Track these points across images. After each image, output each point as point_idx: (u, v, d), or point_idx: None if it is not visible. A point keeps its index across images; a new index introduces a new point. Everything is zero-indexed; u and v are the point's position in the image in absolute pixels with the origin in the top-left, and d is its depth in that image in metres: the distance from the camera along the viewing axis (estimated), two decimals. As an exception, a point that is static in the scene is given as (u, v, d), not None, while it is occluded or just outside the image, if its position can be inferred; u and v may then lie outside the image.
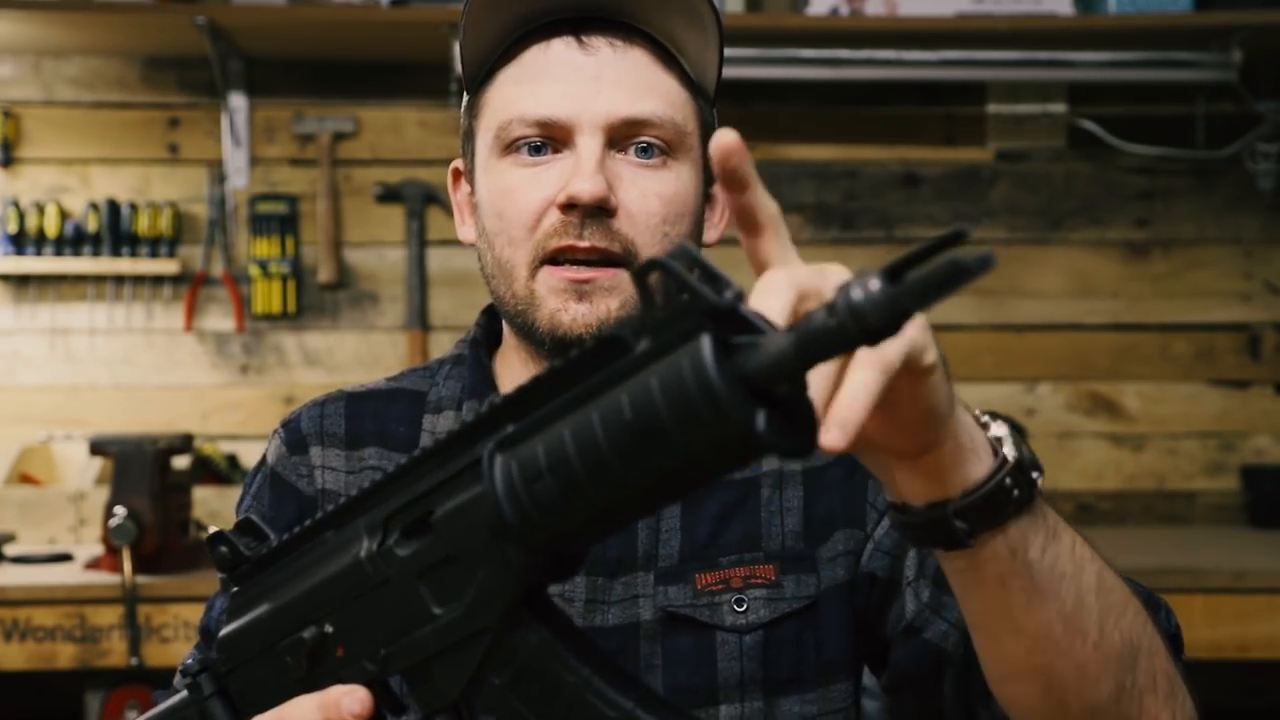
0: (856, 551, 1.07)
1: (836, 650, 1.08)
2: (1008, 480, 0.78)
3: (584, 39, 1.05)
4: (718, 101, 1.13)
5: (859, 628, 1.08)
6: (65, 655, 2.24)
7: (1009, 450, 0.79)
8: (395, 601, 0.74)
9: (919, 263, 0.60)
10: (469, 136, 1.12)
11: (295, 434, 1.14)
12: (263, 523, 0.85)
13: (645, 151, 1.05)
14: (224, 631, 0.82)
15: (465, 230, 1.14)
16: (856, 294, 0.57)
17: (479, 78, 1.10)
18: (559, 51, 1.06)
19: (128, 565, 2.24)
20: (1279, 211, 2.95)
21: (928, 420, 0.74)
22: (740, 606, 1.06)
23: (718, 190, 1.13)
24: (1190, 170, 2.94)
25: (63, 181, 2.87)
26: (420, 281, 2.87)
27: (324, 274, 2.87)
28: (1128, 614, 0.85)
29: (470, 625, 0.71)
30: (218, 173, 2.87)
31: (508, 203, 1.06)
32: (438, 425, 1.12)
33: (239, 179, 2.86)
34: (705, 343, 0.58)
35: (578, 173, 1.03)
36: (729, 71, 1.16)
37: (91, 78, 2.88)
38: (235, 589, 0.83)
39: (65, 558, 2.42)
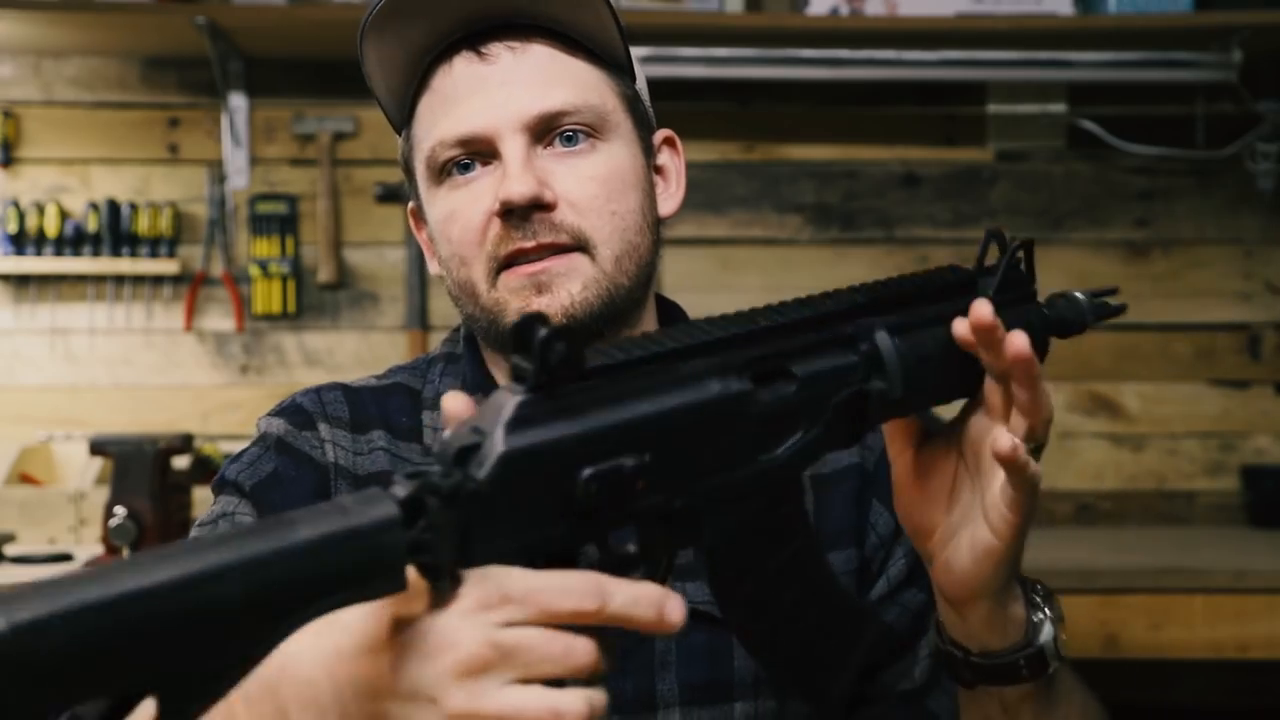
0: (850, 571, 1.10)
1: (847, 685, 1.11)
2: (1021, 662, 0.87)
3: (482, 50, 1.07)
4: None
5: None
6: (65, 655, 2.24)
7: (1041, 639, 0.87)
8: (731, 439, 0.75)
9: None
10: (410, 175, 1.16)
11: (299, 413, 1.13)
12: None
13: (570, 140, 1.06)
14: (512, 445, 0.67)
15: (433, 264, 1.16)
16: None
17: (402, 118, 1.14)
18: (461, 69, 1.08)
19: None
20: (1279, 212, 2.95)
21: (976, 582, 0.85)
22: None
23: (667, 160, 1.16)
24: (1190, 170, 2.94)
25: (63, 181, 2.87)
26: (420, 281, 2.87)
27: (324, 274, 2.86)
28: None
29: (781, 475, 0.78)
30: (218, 173, 2.87)
31: (452, 225, 1.08)
32: (439, 421, 1.12)
33: (239, 179, 2.86)
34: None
35: (507, 177, 1.04)
36: (729, 72, 1.17)
37: (91, 78, 2.88)
38: (526, 399, 0.68)
39: (65, 558, 2.42)
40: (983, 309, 0.82)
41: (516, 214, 1.04)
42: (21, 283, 2.84)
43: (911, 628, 1.07)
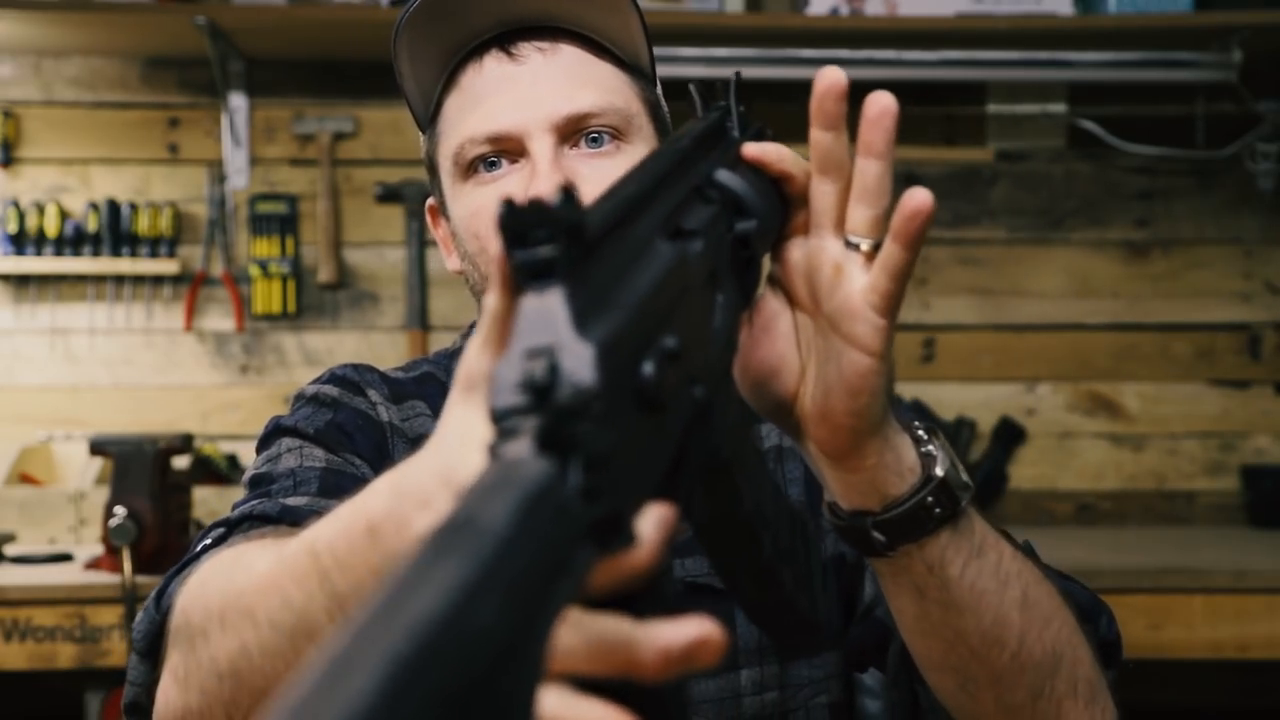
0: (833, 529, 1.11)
1: (836, 618, 1.11)
2: (929, 499, 0.80)
3: (512, 51, 1.09)
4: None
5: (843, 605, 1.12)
6: (65, 655, 2.24)
7: (937, 469, 0.80)
8: (695, 311, 0.65)
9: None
10: (433, 172, 1.16)
11: (345, 381, 1.15)
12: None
13: (595, 141, 1.08)
14: (602, 337, 0.50)
15: (452, 261, 1.17)
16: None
17: (428, 114, 1.15)
18: (492, 68, 1.10)
19: (128, 565, 2.24)
20: (1279, 212, 2.95)
21: (858, 420, 0.77)
22: None
23: None
24: (1190, 170, 2.94)
25: (63, 181, 2.87)
26: (420, 281, 2.87)
27: (324, 274, 2.86)
28: (1052, 625, 0.87)
29: (728, 348, 0.71)
30: (218, 173, 2.87)
31: (479, 221, 1.09)
32: None
33: (239, 179, 2.86)
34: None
35: (535, 175, 1.06)
36: (729, 71, 1.18)
37: (91, 78, 2.88)
38: (570, 288, 0.51)
39: (65, 558, 2.42)
40: (830, 75, 0.78)
41: None
42: (21, 283, 2.84)
43: (857, 553, 1.08)
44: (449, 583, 0.39)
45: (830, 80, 0.77)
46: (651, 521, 0.51)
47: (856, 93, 0.78)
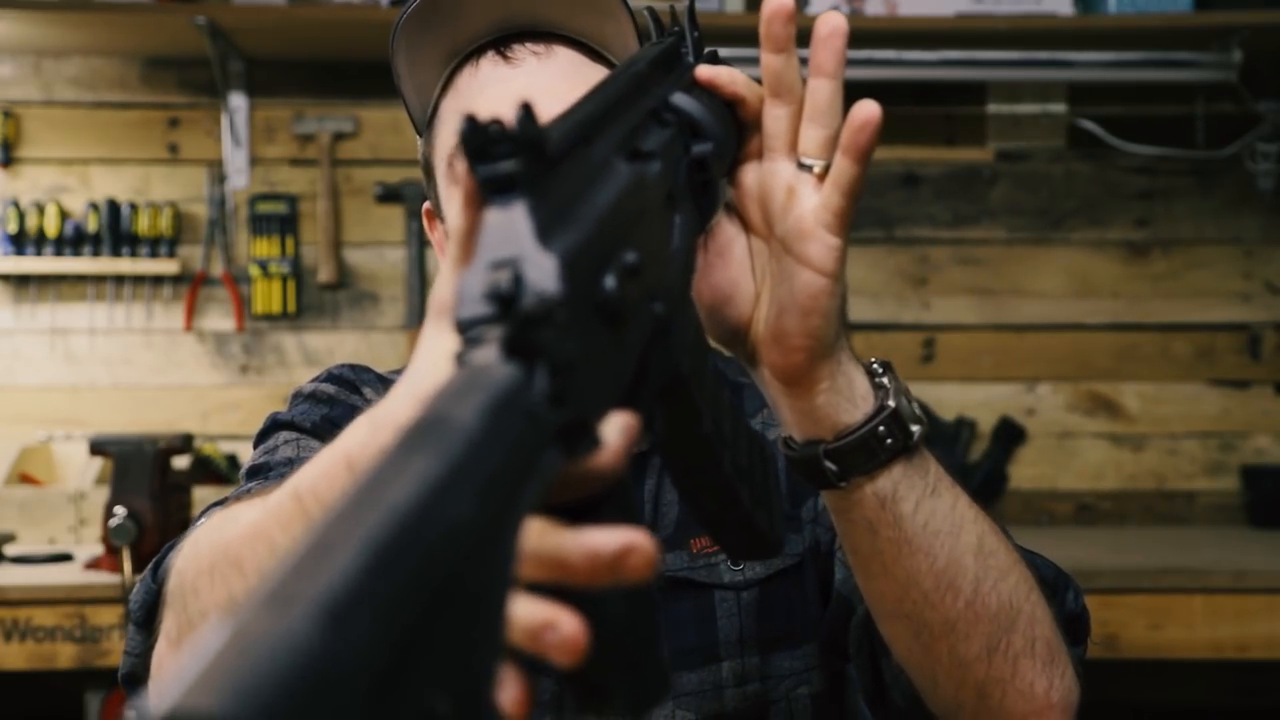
0: (812, 520, 1.12)
1: (815, 608, 1.12)
2: (881, 429, 0.80)
3: (508, 54, 1.10)
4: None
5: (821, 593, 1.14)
6: (65, 655, 2.24)
7: (890, 400, 0.81)
8: (653, 230, 0.65)
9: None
10: (429, 175, 1.17)
11: (340, 379, 1.18)
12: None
13: None
14: (565, 247, 0.51)
15: None
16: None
17: (425, 118, 1.16)
18: (488, 70, 1.10)
19: (128, 565, 2.25)
20: (1279, 212, 2.95)
21: (813, 339, 0.78)
22: (736, 565, 1.10)
23: None
24: (1190, 170, 2.94)
25: (63, 181, 2.87)
26: (420, 281, 2.87)
27: (324, 274, 2.87)
28: (1009, 579, 0.86)
29: (686, 270, 0.71)
30: (218, 173, 2.87)
31: None
32: None
33: (239, 179, 2.86)
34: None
35: None
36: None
37: (92, 78, 2.88)
38: (532, 200, 0.52)
39: (65, 558, 2.42)
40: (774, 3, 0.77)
41: None
42: (21, 283, 2.84)
43: (830, 538, 1.09)
44: (423, 475, 0.39)
45: (777, 3, 0.76)
46: (615, 427, 0.52)
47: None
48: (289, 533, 0.71)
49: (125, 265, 2.82)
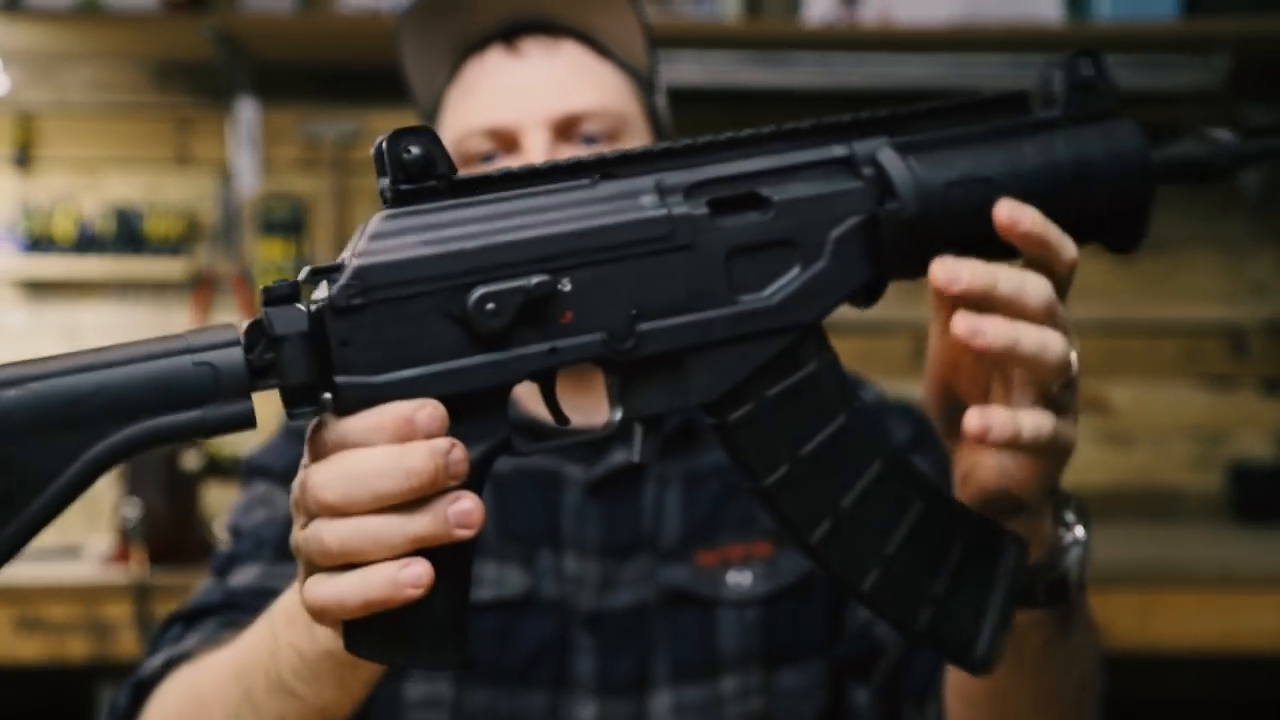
0: None
1: (822, 628, 1.11)
2: (1041, 587, 0.77)
3: (515, 47, 1.10)
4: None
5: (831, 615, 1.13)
6: (78, 649, 2.27)
7: (1064, 562, 0.77)
8: (685, 273, 0.65)
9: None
10: None
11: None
12: None
13: (590, 142, 1.08)
14: (368, 259, 0.62)
15: None
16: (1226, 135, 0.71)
17: (432, 109, 1.15)
18: (494, 63, 1.11)
19: (140, 560, 2.28)
20: (1264, 214, 2.98)
21: (1001, 505, 0.73)
22: (740, 582, 1.09)
23: None
24: (1179, 174, 2.97)
25: (75, 184, 2.90)
26: (425, 283, 2.90)
27: (331, 275, 2.89)
28: (1094, 693, 0.92)
29: (777, 320, 0.66)
30: (227, 176, 2.90)
31: None
32: None
33: (248, 182, 2.89)
34: (1134, 125, 0.71)
35: None
36: (727, 78, 1.19)
37: (104, 82, 2.91)
38: (390, 212, 0.64)
39: (78, 552, 2.45)
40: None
41: None
42: (35, 285, 2.87)
43: None
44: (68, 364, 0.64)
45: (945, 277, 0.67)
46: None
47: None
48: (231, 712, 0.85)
49: (136, 267, 2.84)
